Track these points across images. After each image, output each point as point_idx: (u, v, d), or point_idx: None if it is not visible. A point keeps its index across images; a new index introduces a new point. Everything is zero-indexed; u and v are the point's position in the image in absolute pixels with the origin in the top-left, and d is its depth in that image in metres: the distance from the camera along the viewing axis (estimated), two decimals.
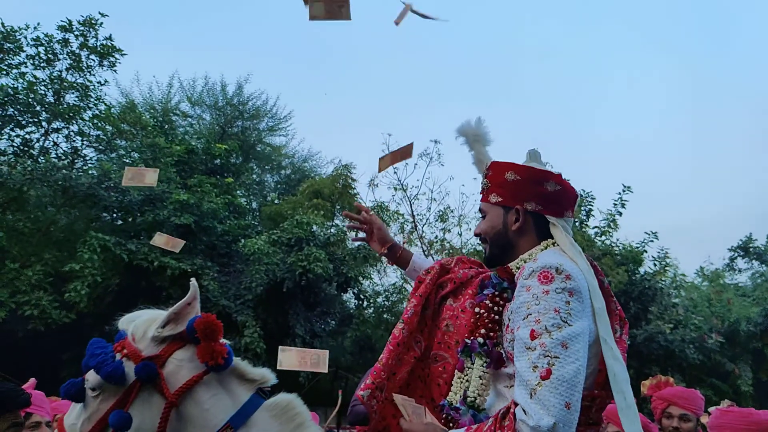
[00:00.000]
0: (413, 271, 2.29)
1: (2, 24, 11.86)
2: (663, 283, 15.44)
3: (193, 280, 1.68)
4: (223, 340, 1.64)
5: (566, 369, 1.41)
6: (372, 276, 15.50)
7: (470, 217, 15.46)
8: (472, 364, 1.76)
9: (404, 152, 2.94)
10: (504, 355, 1.70)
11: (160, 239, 4.32)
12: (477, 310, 1.80)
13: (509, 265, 1.75)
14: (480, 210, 1.88)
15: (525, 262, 1.70)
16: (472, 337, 1.76)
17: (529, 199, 1.75)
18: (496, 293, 1.78)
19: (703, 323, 15.31)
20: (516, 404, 1.44)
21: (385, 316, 16.32)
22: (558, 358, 1.42)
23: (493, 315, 1.75)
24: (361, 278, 14.40)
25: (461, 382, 1.78)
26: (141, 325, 1.66)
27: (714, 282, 20.46)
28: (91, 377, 1.57)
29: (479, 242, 1.90)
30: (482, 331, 1.75)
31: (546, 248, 1.71)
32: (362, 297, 15.40)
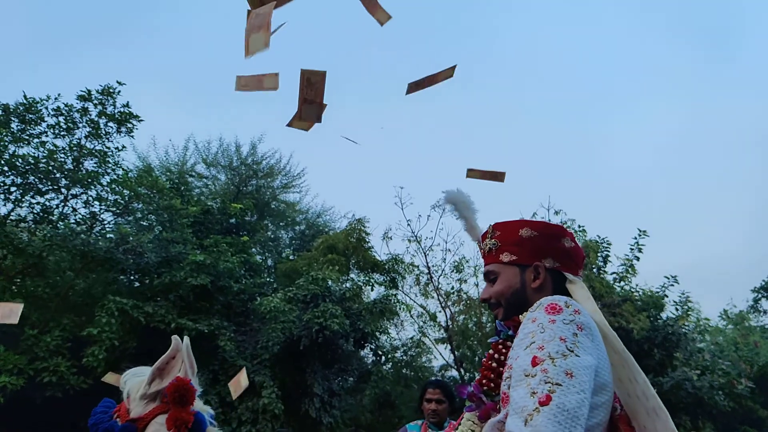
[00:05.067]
0: None
1: (25, 96, 12.29)
2: (686, 327, 15.12)
3: (175, 336, 1.69)
4: (207, 408, 1.63)
5: (569, 398, 1.27)
6: (389, 331, 15.35)
7: None
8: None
9: (496, 175, 2.89)
10: (498, 404, 1.58)
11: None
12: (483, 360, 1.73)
13: (518, 316, 1.67)
14: (487, 273, 1.78)
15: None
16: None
17: (547, 256, 1.69)
18: (500, 341, 1.70)
19: (731, 368, 14.91)
20: None
21: (404, 371, 16.06)
22: (560, 385, 1.29)
23: (491, 363, 1.66)
24: (378, 333, 14.25)
25: None
26: (135, 384, 1.67)
27: (739, 325, 20.01)
28: None
29: (488, 308, 1.81)
30: (477, 376, 1.67)
31: None
32: (380, 353, 15.20)
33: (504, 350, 1.66)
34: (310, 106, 2.49)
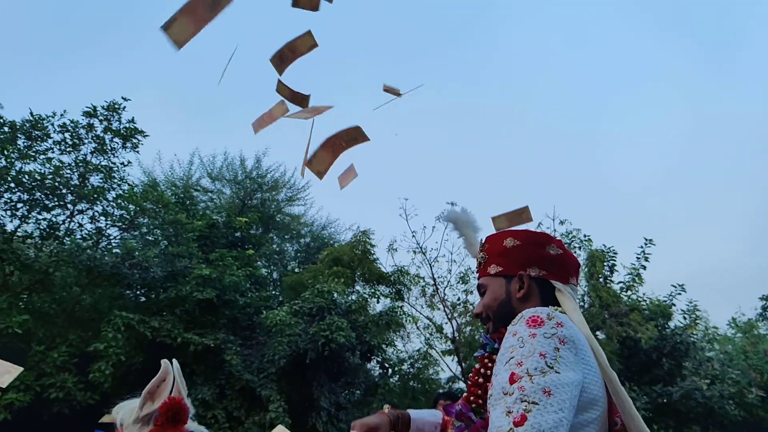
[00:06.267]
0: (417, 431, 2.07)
1: (31, 113, 12.39)
2: (695, 336, 15.03)
3: (164, 360, 1.71)
4: (201, 429, 1.66)
5: (545, 417, 1.21)
6: (395, 343, 15.30)
7: None
8: None
9: (522, 215, 2.82)
10: (484, 421, 1.53)
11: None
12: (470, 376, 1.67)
13: (505, 328, 1.57)
14: (479, 287, 1.74)
15: None
16: (450, 402, 1.64)
17: (532, 264, 1.63)
18: (486, 354, 1.64)
19: (741, 377, 14.77)
20: None
21: (411, 383, 15.98)
22: (537, 404, 1.23)
23: (477, 378, 1.60)
24: (384, 345, 14.20)
25: None
26: (127, 412, 1.70)
27: (748, 333, 19.86)
28: None
29: (481, 324, 1.73)
30: (464, 395, 1.60)
31: None
32: (387, 365, 15.13)
33: (490, 364, 1.59)
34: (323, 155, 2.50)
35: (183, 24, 2.39)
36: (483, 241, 1.78)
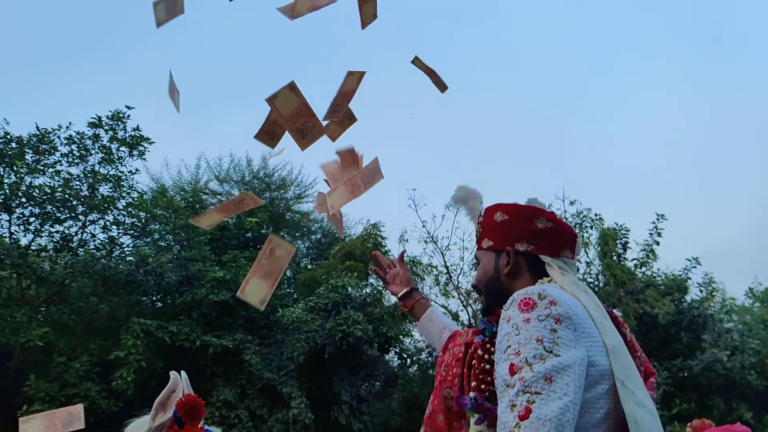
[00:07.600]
0: (429, 321, 2.15)
1: (37, 127, 12.48)
2: (712, 309, 14.95)
3: (173, 372, 1.74)
4: (216, 430, 1.70)
5: (550, 407, 1.20)
6: (412, 333, 15.34)
7: None
8: (467, 424, 1.57)
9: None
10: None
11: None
12: (468, 360, 1.63)
13: (500, 309, 1.51)
14: (475, 258, 1.76)
15: None
16: (457, 390, 1.58)
17: (521, 239, 1.60)
18: (487, 339, 1.59)
19: (762, 346, 14.70)
20: None
21: (430, 372, 16.02)
22: (540, 394, 1.21)
23: (483, 365, 1.55)
24: (401, 336, 14.24)
25: None
26: (137, 424, 1.74)
27: (766, 302, 19.74)
28: None
29: (477, 296, 1.73)
30: (473, 384, 1.56)
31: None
32: (405, 356, 15.18)
33: (492, 349, 1.52)
34: (260, 282, 2.13)
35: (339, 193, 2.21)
36: (481, 213, 1.78)
